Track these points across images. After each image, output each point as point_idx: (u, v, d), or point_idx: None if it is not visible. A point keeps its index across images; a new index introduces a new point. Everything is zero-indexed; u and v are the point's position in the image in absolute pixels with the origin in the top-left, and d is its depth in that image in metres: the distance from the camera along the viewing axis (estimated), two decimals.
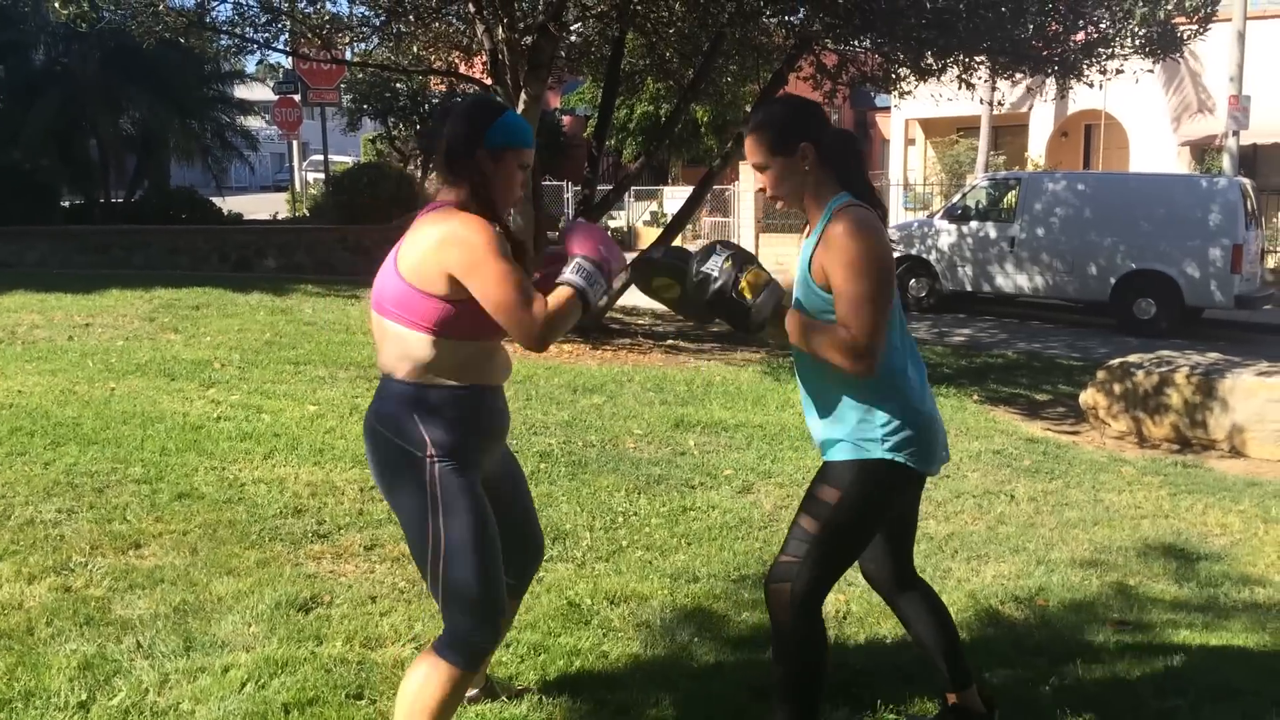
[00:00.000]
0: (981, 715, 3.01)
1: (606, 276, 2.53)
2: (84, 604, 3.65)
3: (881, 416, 2.64)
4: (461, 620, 2.51)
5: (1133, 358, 8.28)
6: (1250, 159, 19.12)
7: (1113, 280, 13.66)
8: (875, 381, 2.63)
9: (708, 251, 2.67)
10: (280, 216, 20.97)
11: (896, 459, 2.64)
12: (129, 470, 5.14)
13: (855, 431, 2.66)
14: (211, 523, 4.53)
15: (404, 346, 2.51)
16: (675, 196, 21.57)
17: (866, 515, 2.70)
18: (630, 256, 2.76)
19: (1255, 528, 5.44)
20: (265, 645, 3.40)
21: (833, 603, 3.97)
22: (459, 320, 2.48)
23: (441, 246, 2.45)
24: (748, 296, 2.61)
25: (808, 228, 2.78)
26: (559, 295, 2.48)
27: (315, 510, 4.77)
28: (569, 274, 2.51)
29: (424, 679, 2.50)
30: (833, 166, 2.71)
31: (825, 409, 2.74)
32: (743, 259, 2.65)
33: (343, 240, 15.22)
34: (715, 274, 2.62)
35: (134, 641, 3.39)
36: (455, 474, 2.52)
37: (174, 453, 5.47)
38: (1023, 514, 5.48)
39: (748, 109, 12.24)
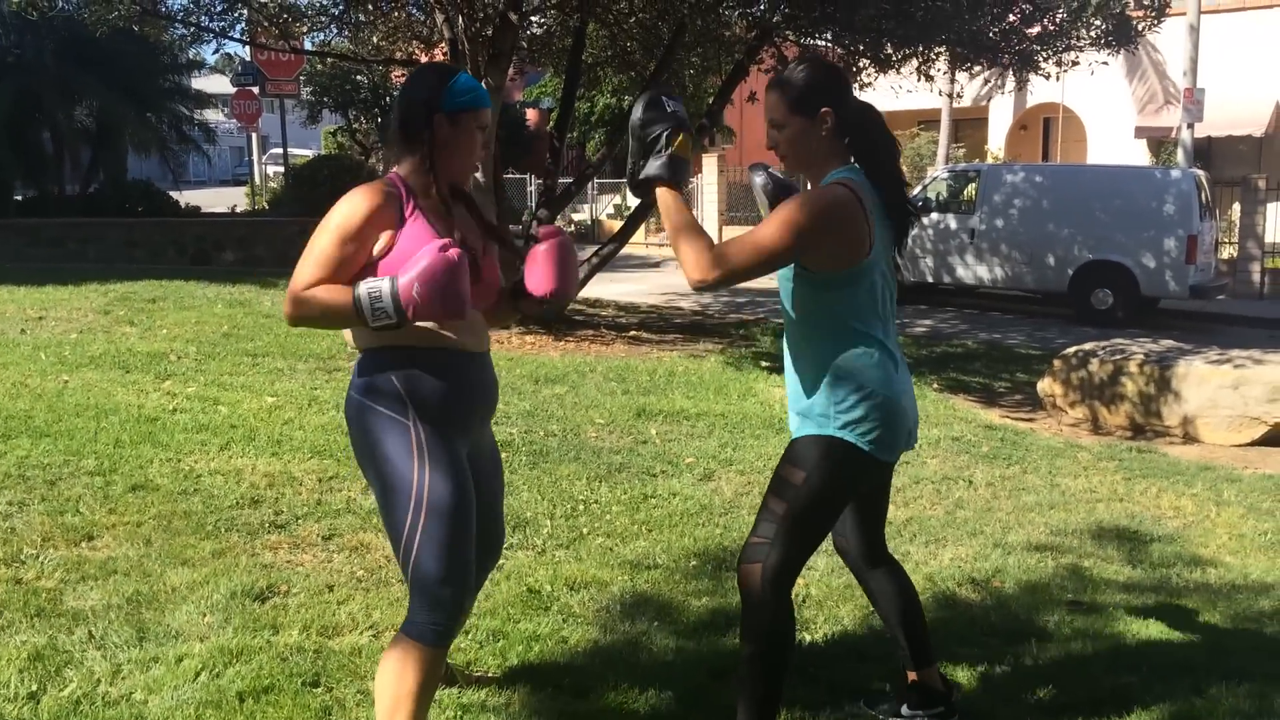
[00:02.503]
0: (941, 694, 3.03)
1: (398, 313, 2.37)
2: (35, 596, 3.60)
3: (839, 395, 2.63)
4: (427, 594, 2.46)
5: (1088, 346, 8.38)
6: (1205, 152, 19.40)
7: (1070, 271, 13.82)
8: (840, 361, 2.63)
9: (663, 99, 2.65)
10: (239, 209, 20.75)
11: (848, 439, 2.64)
12: (82, 462, 5.07)
13: (816, 409, 2.66)
14: (166, 514, 4.47)
15: None
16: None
17: (830, 494, 2.70)
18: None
19: (1207, 510, 5.53)
20: (220, 635, 3.37)
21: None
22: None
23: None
24: (685, 154, 2.59)
25: None
26: (333, 292, 2.42)
27: (272, 501, 4.73)
28: (364, 286, 2.39)
29: (398, 665, 2.47)
30: (849, 136, 2.68)
31: (795, 385, 2.75)
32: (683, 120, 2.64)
33: (302, 232, 14.81)
34: (669, 121, 2.60)
35: (86, 632, 3.35)
36: (439, 437, 2.51)
37: (128, 445, 5.40)
38: (980, 499, 5.53)
39: (710, 101, 12.25)
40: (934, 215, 14.82)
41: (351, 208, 2.47)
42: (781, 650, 2.71)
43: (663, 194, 2.62)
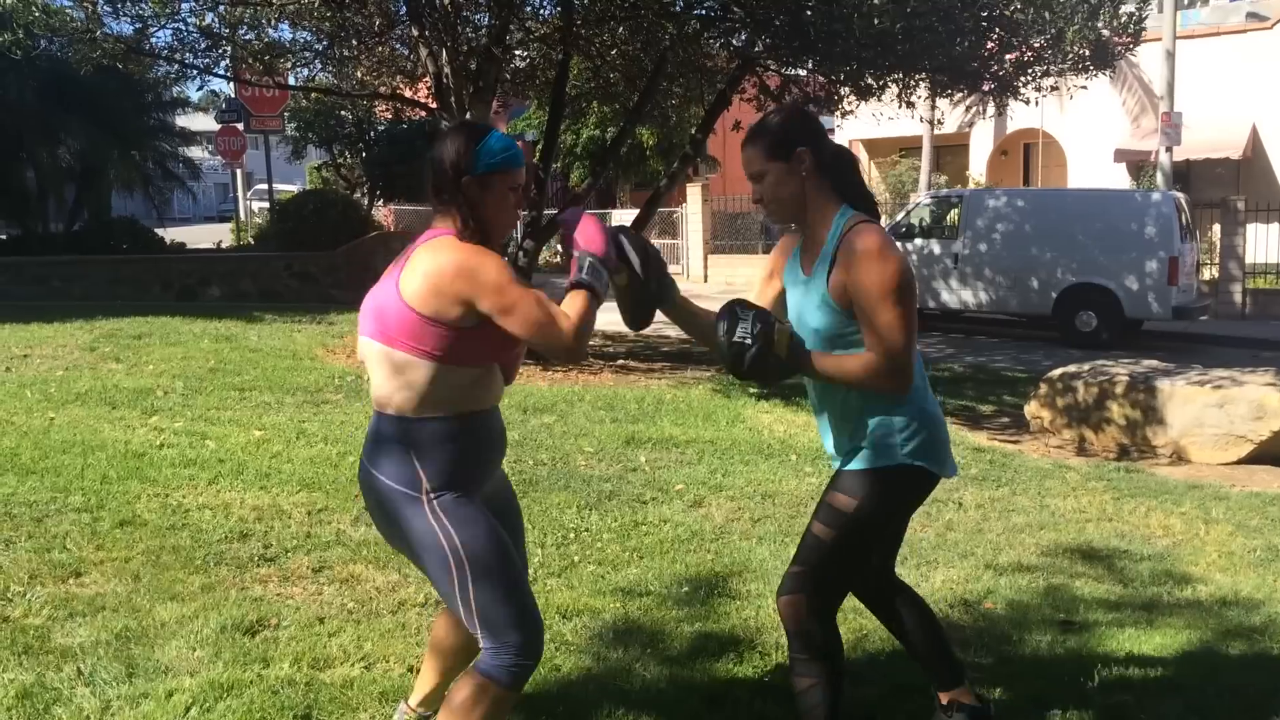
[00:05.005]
0: (981, 710, 3.01)
1: (609, 269, 2.54)
2: (22, 633, 3.56)
3: (899, 422, 2.63)
4: (502, 640, 2.48)
5: (1073, 368, 8.42)
6: (1184, 175, 19.60)
7: (1054, 294, 13.92)
8: None
9: (733, 316, 2.63)
10: (225, 245, 20.74)
11: (916, 463, 2.64)
12: (69, 499, 5.03)
13: (874, 439, 2.64)
14: (154, 549, 4.44)
15: (408, 375, 2.48)
16: (623, 220, 21.63)
17: (883, 521, 2.69)
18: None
19: (1196, 529, 5.55)
20: (210, 669, 3.34)
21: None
22: (467, 346, 2.47)
23: (455, 278, 2.42)
24: (783, 354, 2.61)
25: (795, 242, 2.78)
26: (579, 301, 2.48)
27: (261, 534, 4.70)
28: (582, 275, 2.51)
29: (469, 703, 2.46)
30: (830, 177, 2.69)
31: (841, 418, 2.71)
32: (766, 318, 2.63)
33: (288, 267, 15.08)
34: (749, 340, 2.60)
35: (74, 669, 3.32)
36: (456, 502, 2.51)
37: (115, 481, 5.36)
38: (970, 520, 5.54)
39: (693, 131, 12.35)
40: (918, 241, 14.92)
41: (495, 258, 2.47)
42: (837, 674, 2.68)
43: (809, 367, 2.63)
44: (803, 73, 11.82)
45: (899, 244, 11.34)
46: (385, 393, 2.52)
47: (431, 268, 2.45)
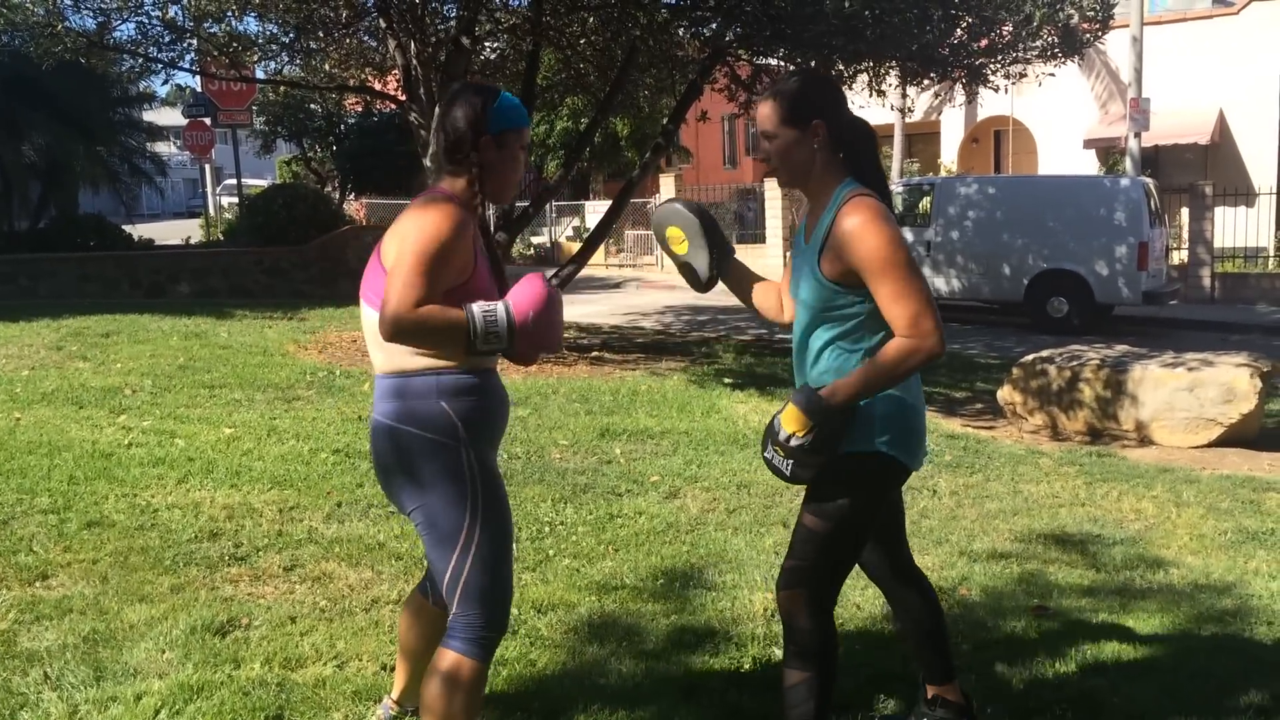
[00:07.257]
0: (963, 708, 3.01)
1: (510, 337, 2.42)
2: None
3: (877, 410, 2.60)
4: (476, 612, 2.50)
5: (1045, 353, 8.46)
6: (1153, 160, 19.73)
7: (1026, 281, 14.00)
8: None
9: (762, 441, 2.70)
10: (194, 241, 20.53)
11: (888, 452, 2.61)
12: (35, 501, 4.96)
13: (851, 426, 2.60)
14: (123, 550, 4.38)
15: None
16: (597, 211, 21.54)
17: (868, 508, 2.66)
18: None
19: (1168, 512, 5.58)
20: (180, 671, 3.30)
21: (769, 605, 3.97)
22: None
23: (402, 229, 2.44)
24: (804, 432, 2.55)
25: (802, 211, 2.74)
26: (447, 313, 2.38)
27: (232, 533, 4.65)
28: (478, 308, 2.41)
29: (447, 682, 2.47)
30: (843, 151, 2.64)
31: None
32: (771, 427, 2.62)
33: (259, 263, 14.95)
34: (774, 457, 2.62)
35: (41, 673, 3.26)
36: (485, 463, 2.53)
37: (83, 481, 5.29)
38: (945, 507, 5.56)
39: (665, 121, 12.31)
40: None
41: (450, 228, 2.40)
42: (829, 672, 2.66)
43: (844, 401, 2.55)
44: (774, 62, 11.81)
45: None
46: (392, 358, 2.51)
47: (401, 226, 2.47)
